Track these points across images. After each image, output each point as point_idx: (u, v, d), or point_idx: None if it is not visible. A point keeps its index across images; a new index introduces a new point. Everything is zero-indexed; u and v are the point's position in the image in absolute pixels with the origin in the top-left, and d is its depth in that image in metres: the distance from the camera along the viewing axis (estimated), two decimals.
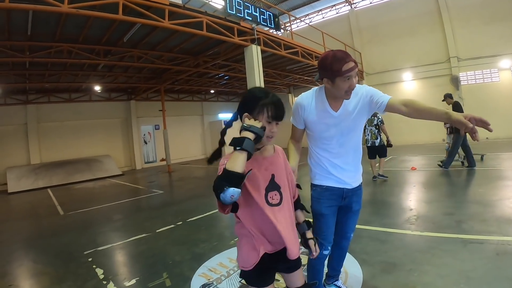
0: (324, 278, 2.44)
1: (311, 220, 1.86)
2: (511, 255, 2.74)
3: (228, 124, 1.60)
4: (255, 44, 8.41)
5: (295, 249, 1.53)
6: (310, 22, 19.36)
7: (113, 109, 15.89)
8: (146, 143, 17.10)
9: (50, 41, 7.71)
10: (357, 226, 3.96)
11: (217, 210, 5.33)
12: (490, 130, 1.42)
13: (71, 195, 9.47)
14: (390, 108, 1.84)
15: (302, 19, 19.41)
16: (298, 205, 1.74)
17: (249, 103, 1.53)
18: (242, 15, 8.01)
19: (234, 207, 1.43)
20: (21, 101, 12.97)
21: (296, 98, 2.04)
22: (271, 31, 9.42)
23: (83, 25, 7.10)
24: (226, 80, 15.40)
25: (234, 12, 7.79)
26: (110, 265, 3.60)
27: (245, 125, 1.39)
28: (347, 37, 17.44)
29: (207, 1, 16.01)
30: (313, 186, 2.14)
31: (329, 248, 2.12)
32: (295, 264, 1.63)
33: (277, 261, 1.56)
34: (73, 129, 14.40)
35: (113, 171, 13.79)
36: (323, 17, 19.18)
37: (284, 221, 1.53)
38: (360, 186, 2.15)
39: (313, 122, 1.97)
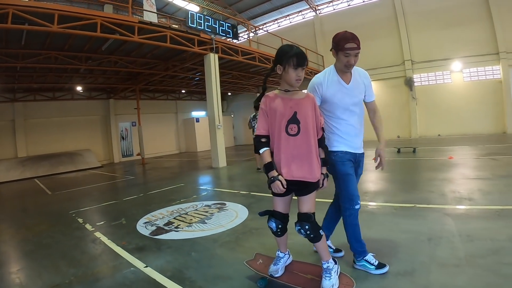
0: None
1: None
2: (413, 216, 3.68)
3: (268, 74, 2.26)
4: (213, 53, 10.02)
5: (288, 172, 1.99)
6: (278, 26, 21.14)
7: (94, 107, 17.16)
8: (123, 138, 18.45)
9: (40, 49, 9.16)
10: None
11: (169, 187, 7.63)
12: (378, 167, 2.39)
13: (56, 182, 10.86)
14: (367, 106, 2.51)
15: (270, 23, 21.18)
16: (320, 143, 2.10)
17: (279, 57, 2.01)
18: (202, 28, 9.59)
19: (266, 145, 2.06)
20: (8, 99, 14.09)
21: (312, 80, 2.42)
22: (229, 39, 10.94)
23: (68, 36, 8.50)
24: (196, 81, 16.95)
25: (194, 25, 9.38)
26: (88, 217, 5.24)
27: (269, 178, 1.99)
28: (312, 41, 19.02)
29: (183, 6, 17.53)
30: (333, 153, 2.35)
31: (359, 202, 2.34)
32: (304, 190, 2.05)
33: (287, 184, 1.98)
34: (57, 125, 15.64)
35: (93, 164, 15.12)
36: (291, 22, 20.91)
37: (295, 149, 1.99)
38: (363, 153, 2.51)
39: (331, 94, 2.32)
